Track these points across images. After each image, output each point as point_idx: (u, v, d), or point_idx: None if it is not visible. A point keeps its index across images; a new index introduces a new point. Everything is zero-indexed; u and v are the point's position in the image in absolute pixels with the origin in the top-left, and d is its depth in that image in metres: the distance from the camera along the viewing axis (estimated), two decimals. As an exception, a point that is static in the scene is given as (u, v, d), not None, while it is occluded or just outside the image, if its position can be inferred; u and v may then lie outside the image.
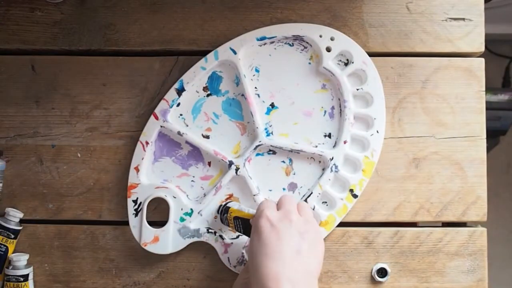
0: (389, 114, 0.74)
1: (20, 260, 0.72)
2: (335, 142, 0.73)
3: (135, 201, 0.72)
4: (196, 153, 0.74)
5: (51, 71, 0.75)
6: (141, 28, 0.75)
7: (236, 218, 0.68)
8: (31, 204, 0.75)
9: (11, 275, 0.71)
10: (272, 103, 0.73)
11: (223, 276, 0.73)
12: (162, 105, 0.73)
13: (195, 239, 0.72)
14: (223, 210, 0.70)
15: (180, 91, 0.73)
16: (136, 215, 0.72)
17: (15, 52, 0.76)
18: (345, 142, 0.72)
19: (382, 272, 0.72)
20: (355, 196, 0.72)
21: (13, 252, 0.73)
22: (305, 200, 0.71)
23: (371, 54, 0.73)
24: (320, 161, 0.73)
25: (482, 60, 0.75)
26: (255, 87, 0.73)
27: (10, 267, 0.72)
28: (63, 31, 0.76)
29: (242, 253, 0.72)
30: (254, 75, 0.74)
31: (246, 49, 0.73)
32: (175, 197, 0.72)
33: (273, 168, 0.73)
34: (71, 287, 0.74)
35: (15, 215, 0.73)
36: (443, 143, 0.74)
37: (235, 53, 0.73)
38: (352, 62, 0.72)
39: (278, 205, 0.63)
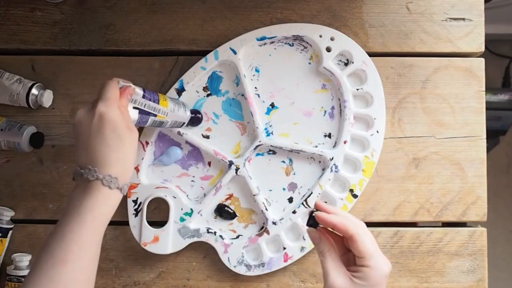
0: (389, 114, 0.74)
1: (23, 260, 0.72)
2: (335, 142, 0.73)
3: (135, 201, 0.72)
4: (196, 153, 0.74)
5: (51, 71, 0.75)
6: (141, 28, 0.75)
7: None
8: (31, 204, 0.75)
9: (13, 275, 0.71)
10: (272, 103, 0.73)
11: (223, 276, 0.73)
12: (162, 105, 0.73)
13: (195, 239, 0.72)
14: None
15: (180, 91, 0.73)
16: (136, 215, 0.72)
17: (15, 52, 0.76)
18: (345, 142, 0.72)
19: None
20: (355, 196, 0.71)
21: (4, 251, 0.73)
22: (305, 200, 0.72)
23: (371, 54, 0.73)
24: (320, 161, 0.73)
25: (482, 60, 0.75)
26: (255, 87, 0.73)
27: (12, 267, 0.71)
28: (63, 31, 0.76)
29: (242, 253, 0.71)
30: (254, 75, 0.74)
31: (246, 49, 0.73)
32: (175, 197, 0.72)
33: (273, 168, 0.73)
34: (71, 287, 0.74)
35: (4, 213, 0.72)
36: (443, 143, 0.74)
37: (235, 53, 0.73)
38: (352, 62, 0.72)
39: None
